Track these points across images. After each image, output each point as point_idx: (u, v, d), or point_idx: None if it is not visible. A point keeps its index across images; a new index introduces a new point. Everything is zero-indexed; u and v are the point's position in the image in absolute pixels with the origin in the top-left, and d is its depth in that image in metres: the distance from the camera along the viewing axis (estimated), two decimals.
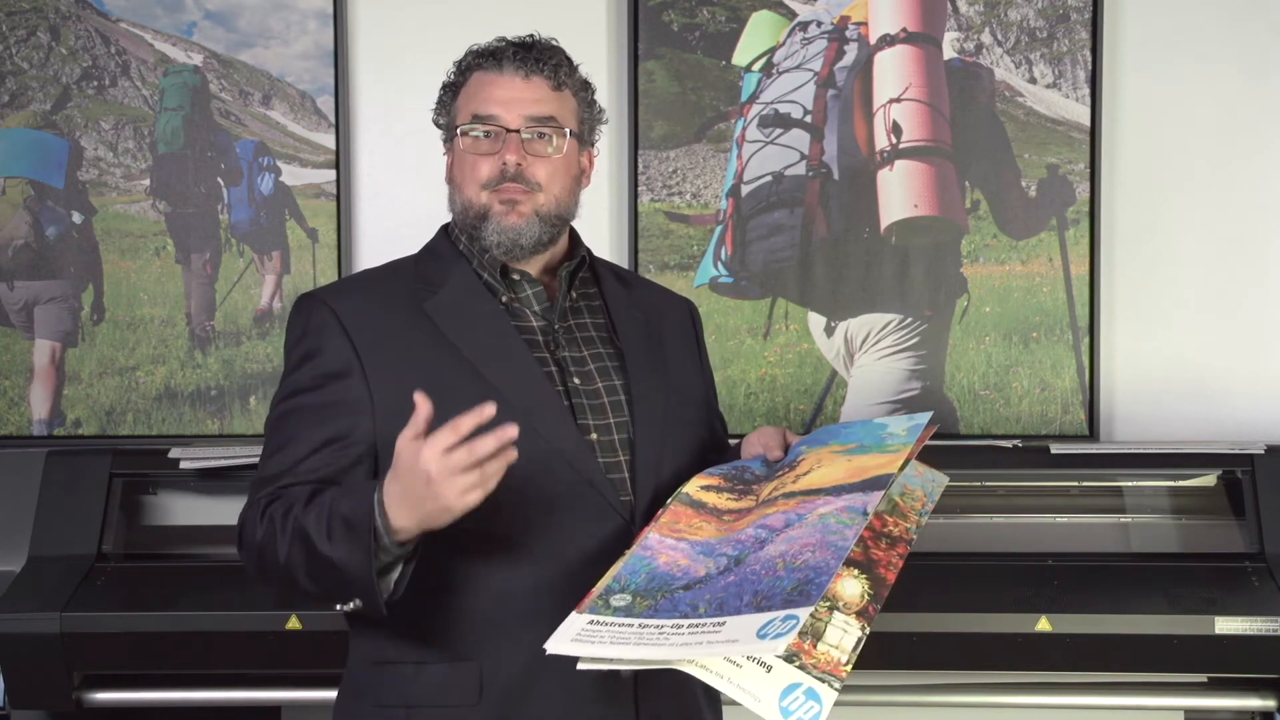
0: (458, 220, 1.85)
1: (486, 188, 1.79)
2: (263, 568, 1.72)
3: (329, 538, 1.61)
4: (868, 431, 1.79)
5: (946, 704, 2.65)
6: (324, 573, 1.63)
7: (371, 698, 1.78)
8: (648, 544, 1.64)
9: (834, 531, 1.53)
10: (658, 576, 1.58)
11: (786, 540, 1.56)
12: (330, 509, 1.63)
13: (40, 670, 2.54)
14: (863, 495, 1.60)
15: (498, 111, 1.78)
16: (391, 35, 3.12)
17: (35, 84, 3.11)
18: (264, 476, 1.76)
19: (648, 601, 1.54)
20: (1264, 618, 2.47)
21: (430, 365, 1.75)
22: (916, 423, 1.77)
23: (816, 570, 1.48)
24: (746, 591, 1.50)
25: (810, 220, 3.07)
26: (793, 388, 3.09)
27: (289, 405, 1.79)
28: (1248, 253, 3.08)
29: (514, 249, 1.81)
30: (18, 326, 3.11)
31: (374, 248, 3.11)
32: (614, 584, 1.58)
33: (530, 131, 1.79)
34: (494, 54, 1.81)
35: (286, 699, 2.68)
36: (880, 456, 1.70)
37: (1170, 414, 3.07)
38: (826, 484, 1.65)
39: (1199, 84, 3.06)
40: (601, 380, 1.83)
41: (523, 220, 1.79)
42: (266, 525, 1.69)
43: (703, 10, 3.10)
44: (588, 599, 1.57)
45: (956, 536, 2.77)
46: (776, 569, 1.51)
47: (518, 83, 1.79)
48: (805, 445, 1.81)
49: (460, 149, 1.81)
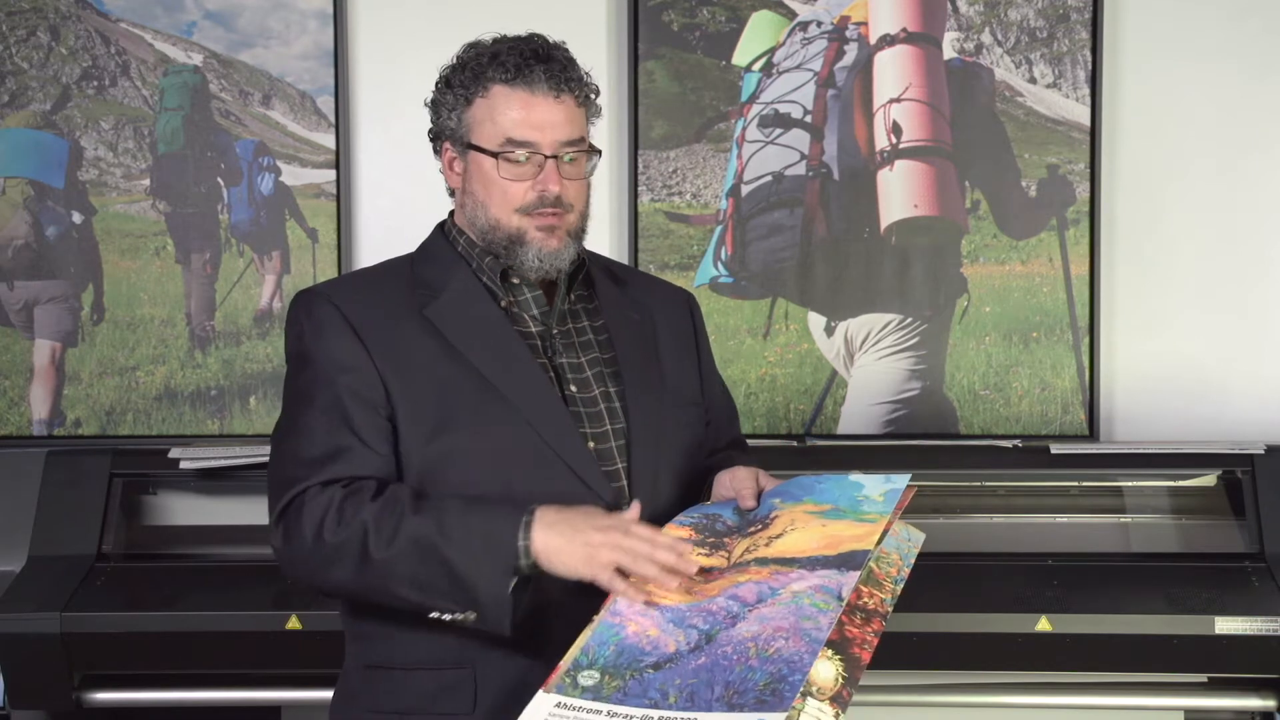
0: (484, 236, 1.81)
1: (522, 212, 1.77)
2: (321, 562, 1.68)
3: (461, 548, 1.62)
4: (842, 491, 1.76)
5: (946, 704, 2.65)
6: (440, 581, 1.63)
7: (366, 702, 1.78)
8: (616, 609, 1.62)
9: (808, 616, 1.52)
10: (626, 650, 1.56)
11: (759, 619, 1.54)
12: (459, 519, 1.64)
13: (40, 670, 2.54)
14: (838, 574, 1.58)
15: (535, 138, 1.75)
16: (391, 35, 3.12)
17: (35, 84, 3.11)
18: (306, 459, 1.72)
19: (616, 682, 1.52)
20: (1264, 618, 2.47)
21: (436, 370, 1.75)
22: (894, 487, 1.74)
23: (790, 665, 1.46)
24: (718, 681, 1.48)
25: (810, 220, 3.07)
26: (793, 388, 3.09)
27: (307, 392, 1.76)
28: (1248, 252, 3.08)
29: (554, 271, 1.80)
30: (18, 326, 3.11)
31: (374, 248, 3.11)
32: (582, 658, 1.56)
33: (564, 153, 1.77)
34: (519, 69, 1.75)
35: (286, 699, 2.68)
36: (856, 526, 1.67)
37: (1170, 414, 3.07)
38: (801, 553, 1.63)
39: (1199, 84, 3.06)
40: (597, 386, 1.83)
41: (561, 244, 1.78)
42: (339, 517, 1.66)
43: (703, 10, 3.10)
44: (555, 675, 1.55)
45: (956, 536, 2.76)
46: (749, 655, 1.50)
47: (550, 104, 1.76)
48: (779, 499, 1.78)
49: (487, 169, 1.77)
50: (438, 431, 1.73)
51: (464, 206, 1.83)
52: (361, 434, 1.72)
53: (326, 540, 1.67)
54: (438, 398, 1.74)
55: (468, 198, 1.82)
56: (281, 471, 1.75)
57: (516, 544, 1.62)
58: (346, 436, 1.72)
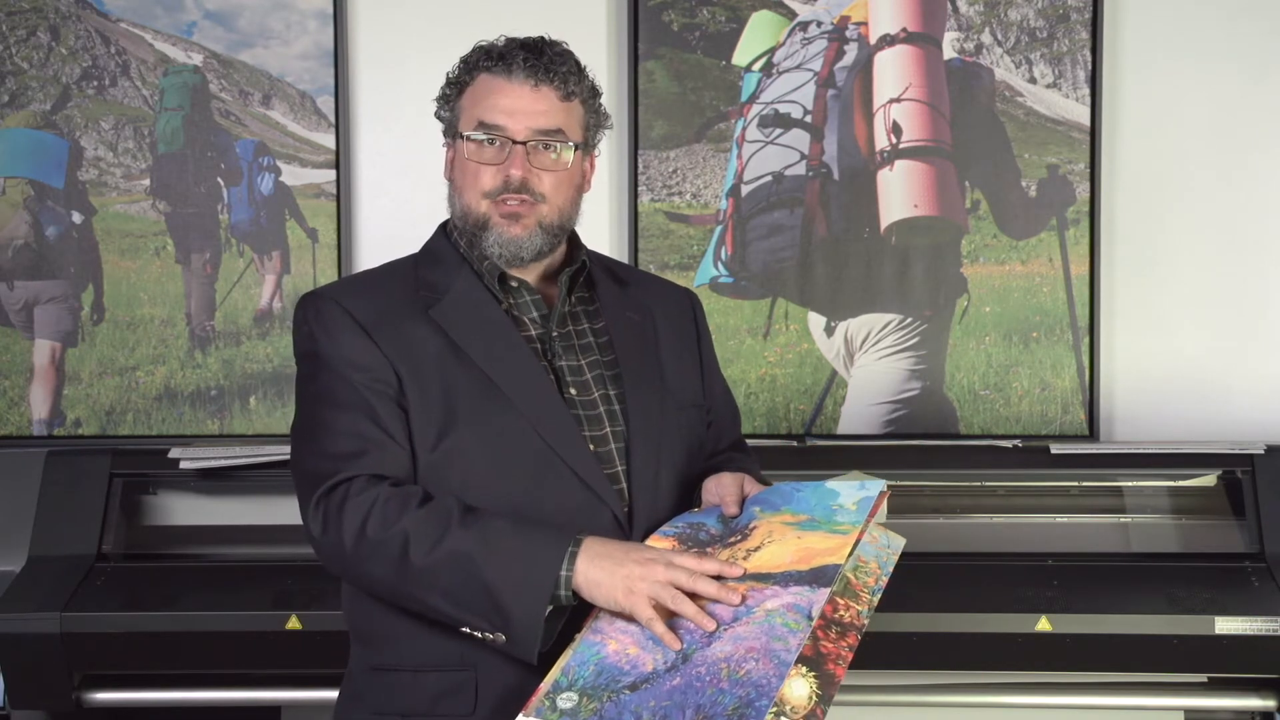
0: (457, 222, 1.84)
1: (488, 197, 1.78)
2: (361, 557, 1.68)
3: (502, 571, 1.62)
4: (819, 499, 1.76)
5: (946, 704, 2.65)
6: (477, 600, 1.63)
7: (370, 704, 1.78)
8: (598, 627, 1.63)
9: (778, 637, 1.53)
10: (605, 670, 1.57)
11: (733, 639, 1.55)
12: (504, 541, 1.64)
13: (40, 670, 2.54)
14: (809, 592, 1.58)
15: (504, 122, 1.77)
16: (391, 35, 3.12)
17: (35, 84, 3.11)
18: (336, 454, 1.71)
19: (593, 705, 1.53)
20: (1264, 618, 2.47)
21: (443, 369, 1.75)
22: (867, 494, 1.75)
23: (758, 689, 1.48)
24: (689, 704, 1.50)
25: (810, 220, 3.07)
26: (793, 388, 3.09)
27: (327, 391, 1.75)
28: (1248, 252, 3.08)
29: (514, 259, 1.80)
30: (18, 326, 3.11)
31: (374, 248, 3.11)
32: (562, 679, 1.57)
33: (535, 142, 1.77)
34: (503, 57, 1.78)
35: (286, 699, 2.68)
36: (829, 538, 1.67)
37: (1170, 414, 3.07)
38: (776, 568, 1.64)
39: (1199, 84, 3.06)
40: (597, 389, 1.82)
41: (525, 232, 1.78)
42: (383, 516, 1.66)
43: (703, 10, 3.10)
44: (535, 698, 1.56)
45: (956, 536, 2.77)
46: (720, 677, 1.51)
47: (526, 92, 1.77)
48: (759, 508, 1.78)
49: (463, 154, 1.80)
50: (443, 432, 1.73)
51: (452, 200, 1.84)
52: (388, 428, 1.72)
53: (369, 536, 1.66)
54: (444, 397, 1.74)
55: (451, 186, 1.84)
56: (312, 466, 1.74)
57: (559, 574, 1.62)
58: (373, 431, 1.72)
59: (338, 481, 1.70)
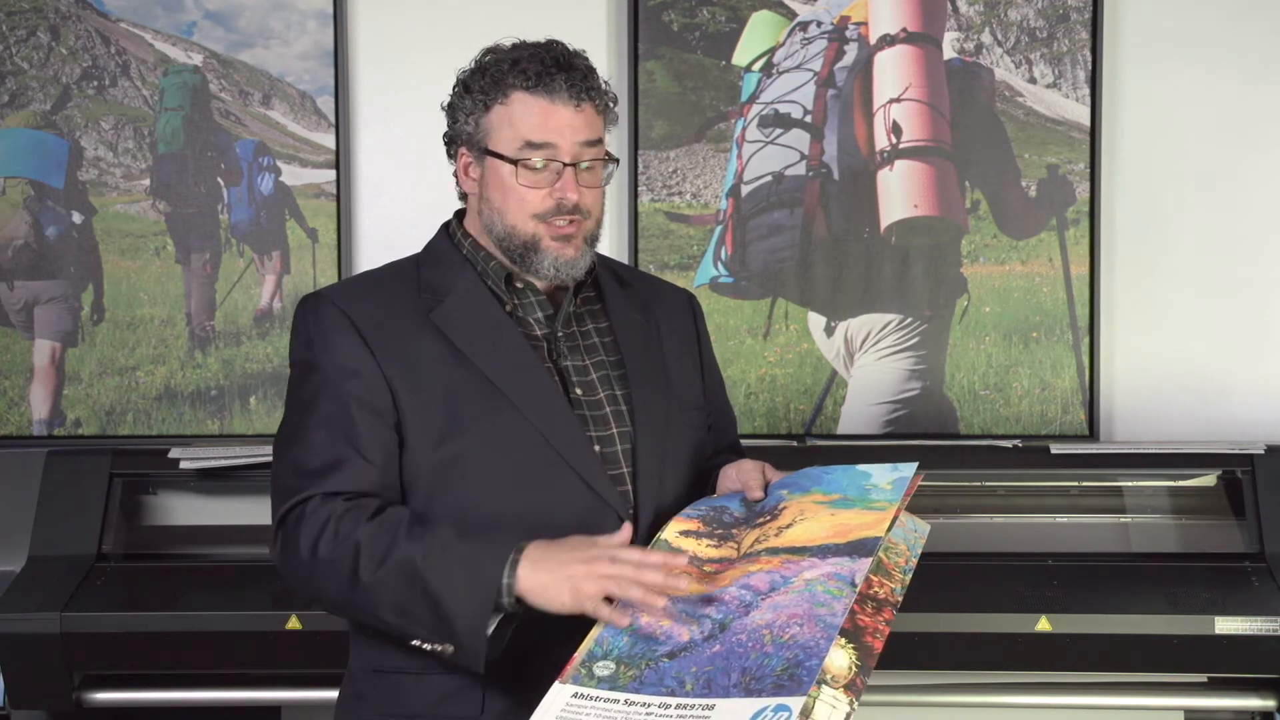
0: (500, 242, 1.80)
1: (539, 219, 1.77)
2: (314, 576, 1.68)
3: (445, 581, 1.60)
4: (850, 481, 1.76)
5: (946, 704, 2.65)
6: (422, 611, 1.62)
7: (372, 704, 1.78)
8: (627, 602, 1.61)
9: (821, 603, 1.52)
10: (640, 640, 1.56)
11: (773, 607, 1.54)
12: (448, 550, 1.62)
13: (40, 670, 2.54)
14: (850, 562, 1.58)
15: (555, 142, 1.75)
16: (391, 35, 3.12)
17: (35, 84, 3.11)
18: (306, 470, 1.72)
19: (632, 671, 1.52)
20: (1264, 618, 2.47)
21: (443, 374, 1.75)
22: (901, 475, 1.74)
23: (806, 651, 1.46)
24: (734, 668, 1.48)
25: (810, 220, 3.07)
26: (793, 388, 3.09)
27: (311, 401, 1.75)
28: (1248, 252, 3.08)
29: (570, 279, 1.80)
30: (18, 326, 3.11)
31: (374, 248, 3.12)
32: (596, 649, 1.56)
33: (582, 161, 1.77)
34: (540, 77, 1.75)
35: (286, 699, 2.68)
36: (865, 514, 1.67)
37: (1170, 414, 3.07)
38: (811, 542, 1.63)
39: (1199, 84, 3.06)
40: (603, 390, 1.82)
41: (577, 252, 1.78)
42: (335, 534, 1.66)
43: (703, 10, 3.10)
44: (570, 666, 1.55)
45: (956, 536, 2.76)
46: (764, 642, 1.50)
47: (570, 113, 1.75)
48: (786, 490, 1.78)
49: (503, 174, 1.77)
50: (445, 436, 1.73)
51: (480, 213, 1.82)
52: (360, 447, 1.72)
53: (320, 555, 1.67)
54: (445, 402, 1.74)
55: (484, 204, 1.80)
56: (282, 480, 1.75)
57: (500, 581, 1.60)
58: (345, 449, 1.71)
59: (296, 502, 1.70)
